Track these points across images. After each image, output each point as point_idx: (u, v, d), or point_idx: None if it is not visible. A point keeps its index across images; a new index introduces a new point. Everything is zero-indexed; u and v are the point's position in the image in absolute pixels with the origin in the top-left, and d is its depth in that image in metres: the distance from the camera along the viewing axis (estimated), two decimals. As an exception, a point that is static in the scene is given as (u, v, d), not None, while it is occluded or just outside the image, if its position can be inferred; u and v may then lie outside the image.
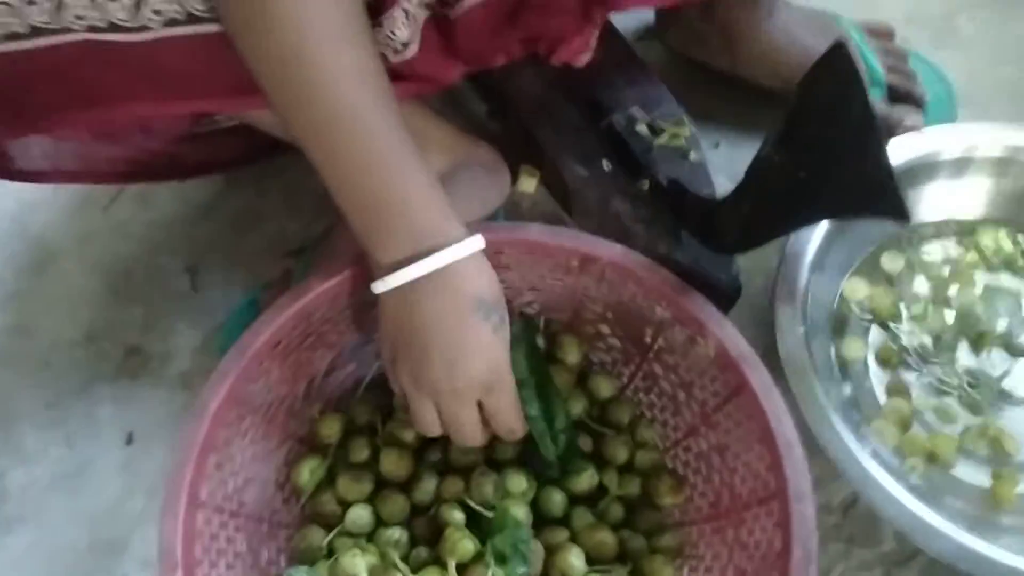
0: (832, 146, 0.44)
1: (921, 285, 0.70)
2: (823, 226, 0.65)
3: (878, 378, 0.66)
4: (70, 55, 0.47)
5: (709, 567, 0.56)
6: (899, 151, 0.68)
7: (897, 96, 0.74)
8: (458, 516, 0.56)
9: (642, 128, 0.69)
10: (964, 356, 0.67)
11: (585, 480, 0.59)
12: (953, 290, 0.69)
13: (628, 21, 0.84)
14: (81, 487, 0.64)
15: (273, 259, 0.72)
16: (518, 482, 0.58)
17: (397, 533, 0.56)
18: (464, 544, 0.53)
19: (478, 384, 0.50)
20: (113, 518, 0.63)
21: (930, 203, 0.71)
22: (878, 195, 0.44)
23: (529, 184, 0.74)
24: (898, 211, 0.44)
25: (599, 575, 0.55)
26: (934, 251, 0.71)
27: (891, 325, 0.68)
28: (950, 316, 0.68)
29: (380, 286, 0.49)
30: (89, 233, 0.76)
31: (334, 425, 0.60)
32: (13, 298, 0.74)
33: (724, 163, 0.75)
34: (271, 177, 0.76)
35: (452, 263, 0.48)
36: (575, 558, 0.55)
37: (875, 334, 0.68)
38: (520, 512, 0.56)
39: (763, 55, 0.74)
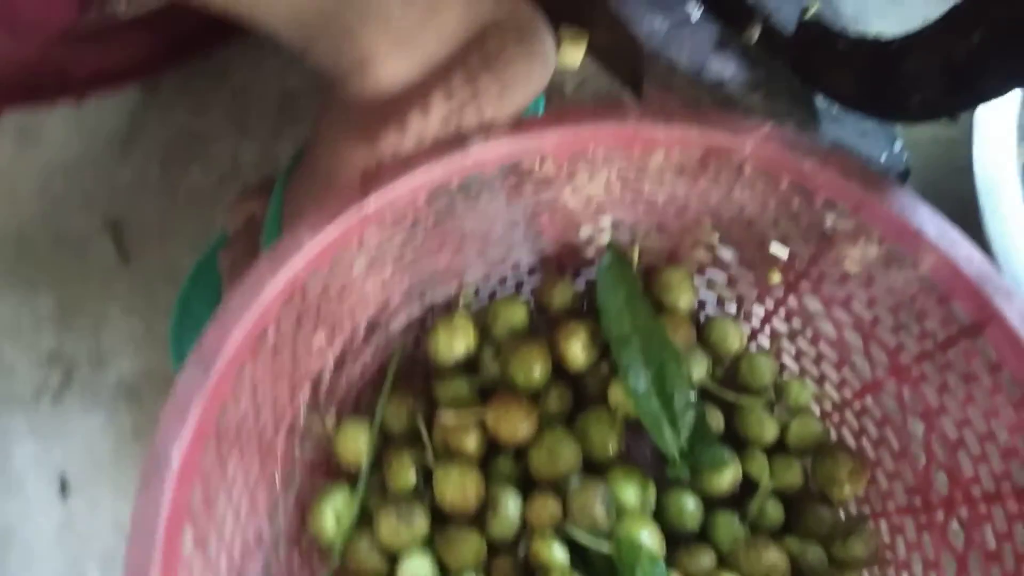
0: None
1: None
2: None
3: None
4: None
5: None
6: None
7: None
8: (559, 555, 0.38)
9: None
10: None
11: (728, 476, 0.41)
12: None
13: None
14: (5, 568, 0.44)
15: (227, 200, 0.50)
16: (632, 489, 0.40)
17: (475, 591, 0.38)
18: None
19: None
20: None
21: None
22: None
23: (574, 55, 0.53)
24: None
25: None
26: None
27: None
28: None
29: None
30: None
31: (358, 438, 0.41)
32: None
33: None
34: (207, 83, 0.53)
35: None
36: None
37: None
38: (652, 539, 0.38)
39: None
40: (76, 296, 0.50)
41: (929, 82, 0.37)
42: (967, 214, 0.45)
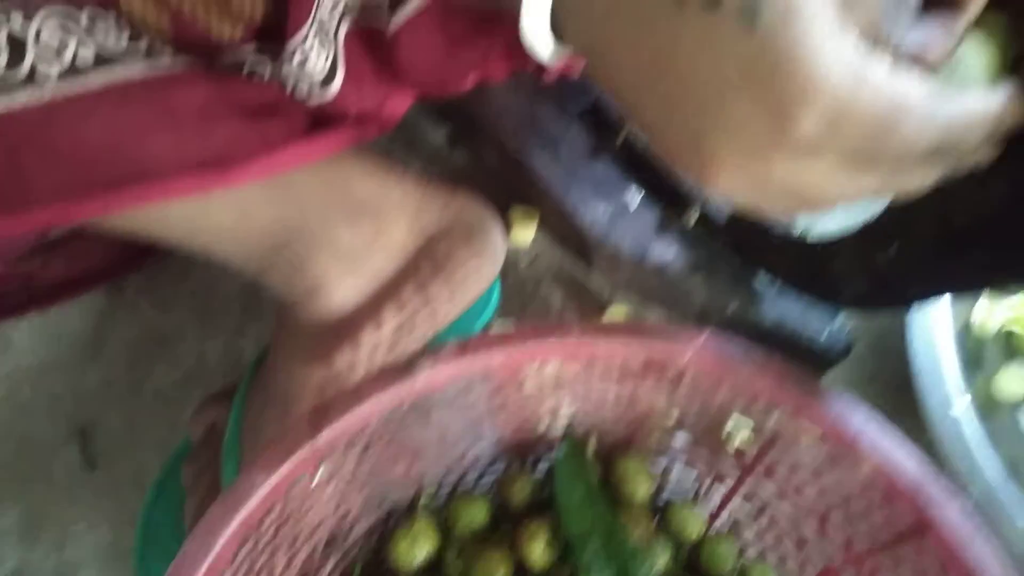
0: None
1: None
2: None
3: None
4: None
5: None
6: None
7: None
8: None
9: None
10: None
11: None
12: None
13: None
14: None
15: (193, 399, 0.51)
16: None
17: None
18: None
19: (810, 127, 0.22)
20: None
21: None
22: None
23: (526, 234, 0.55)
24: None
25: None
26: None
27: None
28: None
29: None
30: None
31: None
32: None
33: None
34: (170, 282, 0.55)
35: None
36: None
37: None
38: None
39: None
40: (41, 506, 0.50)
41: (857, 281, 0.39)
42: (909, 386, 0.47)
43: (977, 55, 0.27)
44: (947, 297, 0.46)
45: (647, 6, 0.21)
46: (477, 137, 0.54)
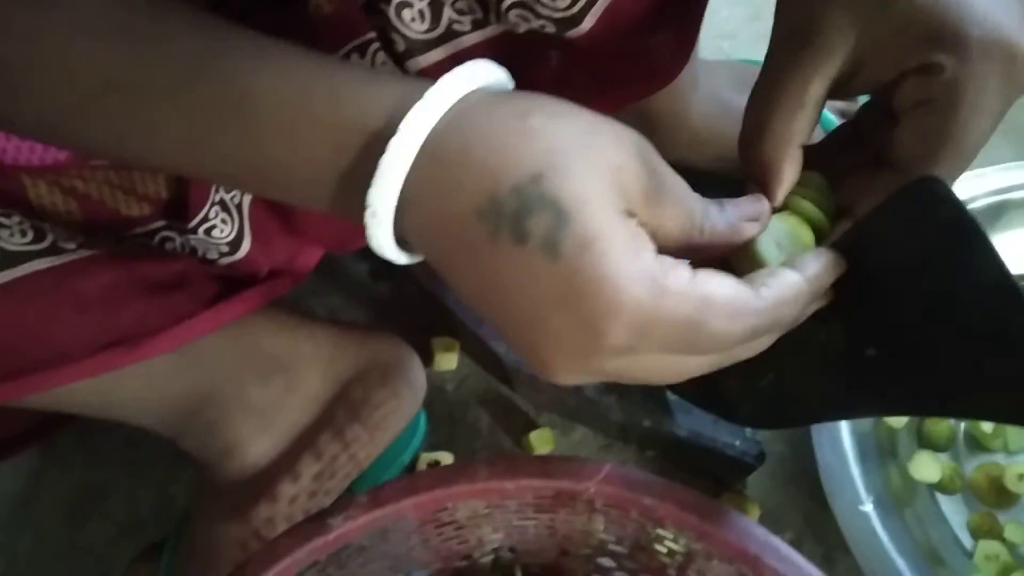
0: (932, 323, 0.28)
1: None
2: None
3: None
4: None
5: None
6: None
7: None
8: None
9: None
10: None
11: None
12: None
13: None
14: None
15: (127, 554, 0.51)
16: None
17: None
18: None
19: (604, 347, 0.24)
20: None
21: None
22: None
23: (449, 361, 0.57)
24: None
25: None
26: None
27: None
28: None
29: (382, 246, 0.27)
30: None
31: None
32: None
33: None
34: (101, 434, 0.55)
35: (425, 143, 0.24)
36: None
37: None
38: None
39: (695, 133, 0.59)
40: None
41: (747, 403, 0.41)
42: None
43: (796, 224, 0.30)
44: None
45: (468, 239, 0.24)
46: (397, 272, 0.56)
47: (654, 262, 0.24)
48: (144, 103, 0.26)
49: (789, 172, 0.30)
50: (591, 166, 0.24)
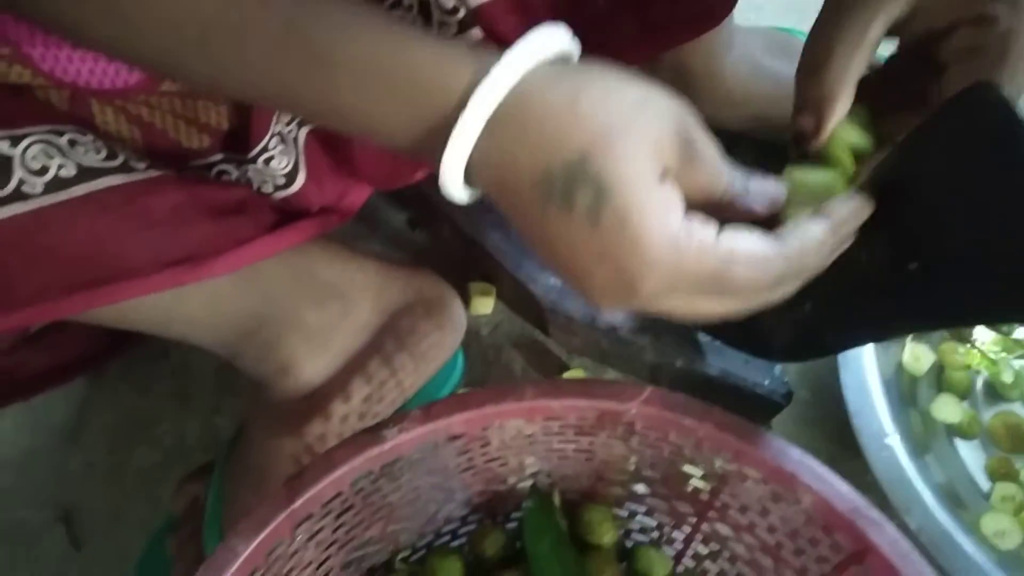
0: (980, 229, 0.30)
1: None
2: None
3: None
4: None
5: None
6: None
7: None
8: None
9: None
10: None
11: None
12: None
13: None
14: None
15: (173, 478, 0.53)
16: None
17: None
18: None
19: (648, 293, 0.29)
20: None
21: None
22: None
23: (485, 305, 0.59)
24: None
25: None
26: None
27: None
28: None
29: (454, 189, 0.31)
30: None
31: None
32: None
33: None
34: (148, 365, 0.57)
35: (489, 120, 0.28)
36: None
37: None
38: None
39: (729, 93, 0.61)
40: (28, 592, 0.51)
41: (782, 336, 0.43)
42: (851, 428, 0.50)
43: (834, 176, 0.32)
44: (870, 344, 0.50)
45: (523, 203, 0.28)
46: (435, 219, 0.58)
47: (681, 225, 0.28)
48: (245, 42, 0.28)
49: (843, 104, 0.32)
50: (632, 144, 0.27)
